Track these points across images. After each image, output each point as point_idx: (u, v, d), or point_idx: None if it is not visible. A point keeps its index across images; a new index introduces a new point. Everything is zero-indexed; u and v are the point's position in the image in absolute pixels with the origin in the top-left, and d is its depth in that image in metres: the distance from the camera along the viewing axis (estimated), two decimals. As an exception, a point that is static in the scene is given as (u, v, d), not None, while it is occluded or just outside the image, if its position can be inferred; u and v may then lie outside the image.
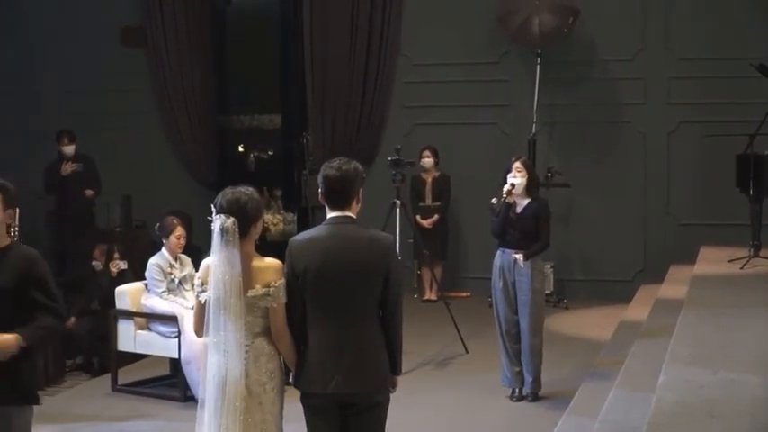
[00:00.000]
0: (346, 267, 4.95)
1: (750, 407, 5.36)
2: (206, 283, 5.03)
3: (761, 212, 10.29)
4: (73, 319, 10.51)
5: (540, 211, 8.34)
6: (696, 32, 12.61)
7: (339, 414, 5.02)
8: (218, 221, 4.97)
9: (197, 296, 5.10)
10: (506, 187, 8.22)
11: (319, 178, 5.09)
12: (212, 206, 5.04)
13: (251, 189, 5.13)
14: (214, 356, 5.00)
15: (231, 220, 4.95)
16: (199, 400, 5.11)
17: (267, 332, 5.04)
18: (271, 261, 5.07)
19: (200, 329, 5.09)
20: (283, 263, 5.07)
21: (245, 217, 5.00)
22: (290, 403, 5.21)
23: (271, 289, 4.97)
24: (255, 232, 5.09)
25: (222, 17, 14.88)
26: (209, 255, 5.05)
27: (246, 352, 4.98)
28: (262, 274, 5.00)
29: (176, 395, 8.57)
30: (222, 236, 4.94)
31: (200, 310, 5.06)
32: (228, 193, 5.05)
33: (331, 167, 5.07)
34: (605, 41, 12.88)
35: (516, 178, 8.24)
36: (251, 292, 4.96)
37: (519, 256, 8.19)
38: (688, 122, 12.63)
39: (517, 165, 8.30)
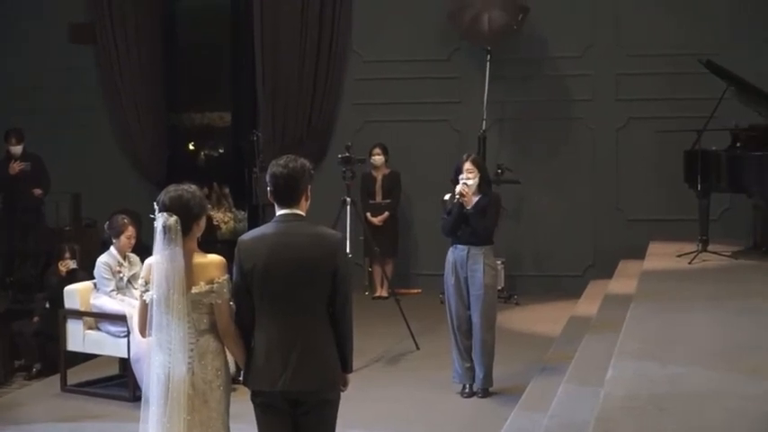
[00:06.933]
0: (293, 265, 4.91)
1: (698, 401, 5.40)
2: (149, 283, 5.02)
3: (708, 207, 10.42)
4: (36, 318, 10.38)
5: (490, 202, 8.33)
6: (645, 28, 12.68)
7: (289, 412, 4.98)
8: (160, 220, 4.95)
9: (141, 296, 5.07)
10: (459, 188, 8.18)
11: (267, 176, 5.07)
12: (155, 204, 5.02)
13: (194, 186, 5.14)
14: (158, 355, 4.99)
15: (174, 218, 4.93)
16: (143, 399, 5.09)
17: (213, 329, 5.02)
18: (213, 257, 5.06)
19: (144, 329, 5.07)
20: (232, 261, 5.04)
21: (187, 214, 4.98)
22: (242, 402, 5.19)
23: (214, 285, 4.96)
24: (198, 229, 5.08)
25: (172, 14, 14.78)
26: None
27: (191, 350, 4.96)
28: (205, 270, 4.99)
29: (126, 395, 8.51)
30: (165, 234, 4.92)
31: (144, 310, 5.04)
32: (171, 191, 5.04)
33: (278, 165, 5.04)
34: (555, 38, 12.93)
35: (469, 180, 8.20)
36: (195, 289, 4.94)
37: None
38: (637, 119, 12.72)
39: (468, 166, 8.24)
